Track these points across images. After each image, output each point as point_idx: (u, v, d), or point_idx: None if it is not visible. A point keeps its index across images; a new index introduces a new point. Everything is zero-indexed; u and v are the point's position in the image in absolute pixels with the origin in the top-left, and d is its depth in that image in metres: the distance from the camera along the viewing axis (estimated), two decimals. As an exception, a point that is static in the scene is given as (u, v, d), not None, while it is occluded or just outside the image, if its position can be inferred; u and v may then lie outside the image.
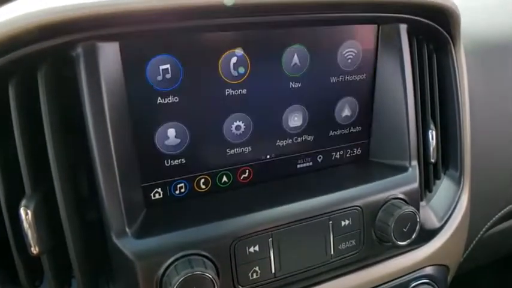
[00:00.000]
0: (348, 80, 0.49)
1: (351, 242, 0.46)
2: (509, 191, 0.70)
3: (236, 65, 0.42)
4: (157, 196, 0.43)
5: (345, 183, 0.47)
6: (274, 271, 0.42)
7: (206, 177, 0.45)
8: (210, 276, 0.37)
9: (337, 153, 0.52)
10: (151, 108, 0.40)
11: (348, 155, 0.52)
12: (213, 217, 0.41)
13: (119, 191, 0.38)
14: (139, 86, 0.39)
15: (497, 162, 0.67)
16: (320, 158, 0.51)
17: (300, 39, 0.44)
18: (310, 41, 0.45)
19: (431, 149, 0.54)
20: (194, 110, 0.42)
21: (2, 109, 0.36)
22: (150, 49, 0.38)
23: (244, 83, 0.43)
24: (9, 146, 0.36)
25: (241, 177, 0.47)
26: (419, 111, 0.52)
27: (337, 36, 0.46)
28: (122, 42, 0.37)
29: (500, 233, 0.73)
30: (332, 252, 0.45)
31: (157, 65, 0.39)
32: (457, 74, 0.54)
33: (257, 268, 0.42)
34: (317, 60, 0.46)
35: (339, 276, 0.48)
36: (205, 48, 0.41)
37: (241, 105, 0.44)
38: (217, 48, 0.41)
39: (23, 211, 0.35)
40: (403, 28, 0.48)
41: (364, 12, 0.46)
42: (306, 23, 0.44)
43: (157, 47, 0.39)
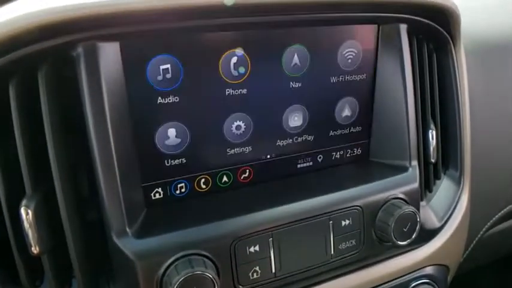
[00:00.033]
0: (348, 80, 0.49)
1: (351, 242, 0.46)
2: (509, 191, 0.70)
3: (236, 64, 0.42)
4: (157, 196, 0.43)
5: (345, 183, 0.47)
6: (274, 271, 0.42)
7: (206, 177, 0.45)
8: (211, 276, 0.37)
9: (337, 153, 0.52)
10: (151, 108, 0.40)
11: (348, 155, 0.52)
12: (213, 217, 0.41)
13: (119, 190, 0.38)
14: (139, 86, 0.39)
15: (497, 162, 0.67)
16: (320, 158, 0.51)
17: (300, 39, 0.44)
18: (310, 41, 0.45)
19: (431, 149, 0.54)
20: (194, 109, 0.42)
21: (2, 109, 0.36)
22: (150, 49, 0.39)
23: (245, 82, 0.43)
24: (9, 146, 0.36)
25: (242, 177, 0.47)
26: (419, 111, 0.52)
27: (337, 36, 0.46)
28: (122, 42, 0.37)
29: (500, 233, 0.73)
30: (332, 252, 0.45)
31: (157, 64, 0.39)
32: (457, 74, 0.54)
33: (257, 268, 0.42)
34: (317, 60, 0.46)
35: (339, 276, 0.48)
36: (206, 48, 0.41)
37: (242, 105, 0.44)
38: (217, 48, 0.41)
39: (23, 211, 0.35)
40: (403, 28, 0.48)
41: (364, 12, 0.46)
42: (306, 23, 0.44)
43: (158, 47, 0.39)
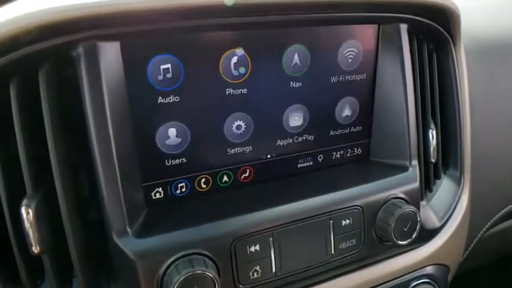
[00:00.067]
0: (349, 80, 0.49)
1: (352, 242, 0.46)
2: (510, 191, 0.70)
3: (237, 64, 0.42)
4: (158, 196, 0.43)
5: (345, 183, 0.47)
6: (274, 270, 0.43)
7: (207, 176, 0.45)
8: (211, 275, 0.37)
9: (338, 152, 0.52)
10: (152, 107, 0.40)
11: (349, 155, 0.52)
12: (213, 216, 0.41)
13: (119, 190, 0.38)
14: (140, 86, 0.39)
15: (498, 162, 0.67)
16: (320, 157, 0.51)
17: (301, 39, 0.44)
18: (310, 40, 0.45)
19: (431, 148, 0.54)
20: (195, 109, 0.42)
21: (3, 109, 0.36)
22: (150, 49, 0.39)
23: (245, 82, 0.43)
24: (10, 145, 0.36)
25: (242, 177, 0.47)
26: (419, 111, 0.52)
27: (338, 36, 0.46)
28: (123, 42, 0.37)
29: (500, 232, 0.73)
30: (333, 251, 0.45)
31: (158, 64, 0.39)
32: (457, 74, 0.54)
33: (258, 267, 0.42)
34: (317, 60, 0.46)
35: (339, 275, 0.48)
36: (206, 47, 0.41)
37: (242, 105, 0.44)
38: (218, 47, 0.41)
39: (24, 210, 0.35)
40: (404, 28, 0.48)
41: (364, 12, 0.46)
42: (306, 23, 0.44)
43: (158, 46, 0.39)
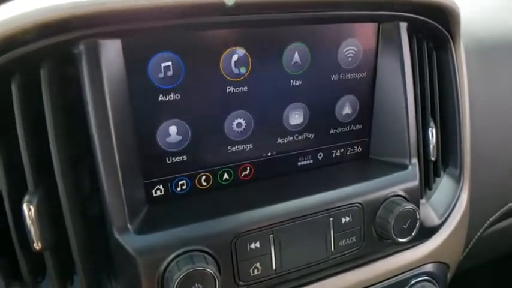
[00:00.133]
0: (349, 78, 0.49)
1: (352, 239, 0.46)
2: (509, 189, 0.70)
3: (237, 62, 0.42)
4: (159, 193, 0.43)
5: (345, 181, 0.47)
6: (275, 267, 0.43)
7: (207, 174, 0.45)
8: (212, 272, 0.37)
9: (338, 151, 0.52)
10: (153, 105, 0.40)
11: (349, 153, 0.53)
12: (214, 214, 0.41)
13: (120, 187, 0.38)
14: (141, 84, 0.39)
15: (497, 161, 0.67)
16: (320, 155, 0.51)
17: (301, 37, 0.45)
18: (310, 39, 0.45)
19: (431, 146, 0.54)
20: (196, 107, 0.42)
21: (5, 106, 0.36)
22: (151, 47, 0.39)
23: (245, 80, 0.43)
24: (12, 142, 0.36)
25: (242, 175, 0.47)
26: (419, 109, 0.52)
27: (338, 34, 0.47)
28: (124, 40, 0.37)
29: (500, 231, 0.73)
30: (332, 248, 0.45)
31: (159, 62, 0.39)
32: (456, 72, 0.55)
33: (258, 264, 0.42)
34: (318, 58, 0.46)
35: (339, 272, 0.48)
36: (207, 46, 0.41)
37: (243, 103, 0.44)
38: (218, 46, 0.41)
39: (25, 207, 0.36)
40: (403, 26, 0.49)
41: (364, 10, 0.46)
42: (306, 21, 0.44)
43: (159, 44, 0.39)
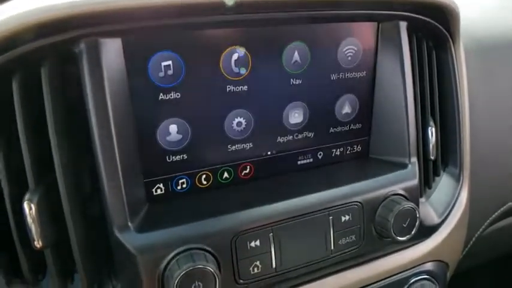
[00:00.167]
0: (348, 77, 0.49)
1: (351, 238, 0.46)
2: (509, 189, 0.70)
3: (237, 61, 0.43)
4: (159, 191, 0.43)
5: (345, 179, 0.47)
6: (275, 266, 0.43)
7: (207, 173, 0.45)
8: (212, 270, 0.37)
9: (338, 150, 0.52)
10: (153, 104, 0.40)
11: (348, 152, 0.53)
12: (214, 212, 0.41)
13: (121, 186, 0.38)
14: (141, 82, 0.39)
15: (497, 161, 0.67)
16: (320, 154, 0.51)
17: (301, 37, 0.45)
18: (310, 38, 0.45)
19: (430, 145, 0.54)
20: (196, 106, 0.42)
21: (5, 104, 0.36)
22: (152, 45, 0.39)
23: (245, 79, 0.44)
24: (12, 140, 0.36)
25: (242, 173, 0.47)
26: (418, 109, 0.52)
27: (338, 33, 0.47)
28: (124, 39, 0.37)
29: (499, 230, 0.74)
30: (332, 247, 0.45)
31: (159, 61, 0.39)
32: (456, 71, 0.55)
33: (258, 263, 0.42)
34: (317, 57, 0.46)
35: (339, 271, 0.48)
36: (207, 45, 0.41)
37: (243, 102, 0.44)
38: (218, 45, 0.41)
39: (26, 205, 0.36)
40: (403, 26, 0.49)
41: (364, 9, 0.46)
42: (306, 20, 0.44)
43: (159, 43, 0.39)
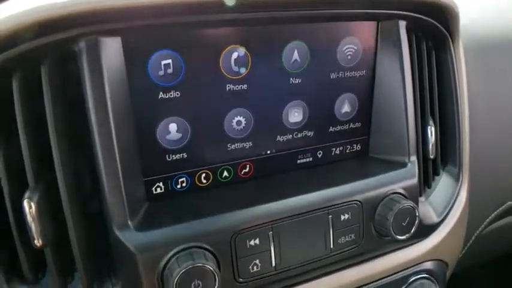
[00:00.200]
0: (348, 76, 0.49)
1: (351, 236, 0.46)
2: (508, 188, 0.70)
3: (237, 60, 0.43)
4: (159, 190, 0.43)
5: (344, 178, 0.47)
6: (274, 264, 0.43)
7: (207, 172, 0.45)
8: (211, 268, 0.37)
9: (337, 148, 0.52)
10: (153, 103, 0.40)
11: (348, 151, 0.53)
12: (214, 211, 0.41)
13: (121, 184, 0.38)
14: (141, 81, 0.39)
15: (496, 160, 0.67)
16: (320, 153, 0.51)
17: (300, 36, 0.45)
18: (310, 37, 0.45)
19: (430, 145, 0.54)
20: (195, 105, 0.42)
21: (5, 103, 0.36)
22: (152, 44, 0.39)
23: (245, 78, 0.44)
24: (12, 139, 0.36)
25: (242, 172, 0.47)
26: (418, 108, 0.52)
27: (337, 32, 0.47)
28: (124, 37, 0.38)
29: (498, 230, 0.74)
30: (332, 246, 0.45)
31: (159, 60, 0.39)
32: (455, 71, 0.55)
33: (257, 261, 0.42)
34: (317, 56, 0.46)
35: (338, 270, 0.48)
36: (207, 44, 0.41)
37: (242, 101, 0.44)
38: (218, 44, 0.42)
39: (26, 203, 0.36)
40: (403, 25, 0.49)
41: (363, 8, 0.46)
42: (306, 19, 0.44)
43: (159, 42, 0.39)
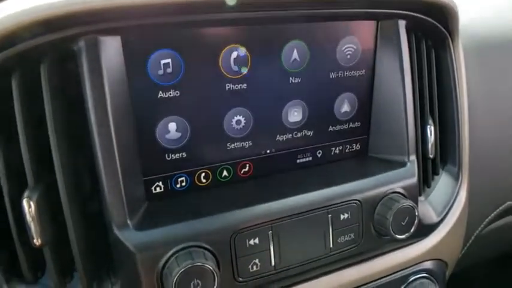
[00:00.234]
0: (347, 76, 0.49)
1: (350, 236, 0.46)
2: (508, 188, 0.70)
3: (236, 60, 0.43)
4: (158, 190, 0.43)
5: (344, 178, 0.47)
6: (274, 263, 0.43)
7: (207, 171, 0.45)
8: (211, 267, 0.37)
9: (337, 148, 0.52)
10: (152, 102, 0.40)
11: (347, 151, 0.53)
12: (213, 210, 0.41)
13: (120, 184, 0.38)
14: (140, 80, 0.39)
15: (496, 160, 0.67)
16: (319, 153, 0.51)
17: (300, 35, 0.45)
18: (309, 36, 0.45)
19: (429, 144, 0.54)
20: (195, 104, 0.42)
21: (5, 102, 0.36)
22: (151, 43, 0.39)
23: (245, 78, 0.44)
24: (12, 138, 0.36)
25: (242, 172, 0.47)
26: (417, 107, 0.52)
27: (337, 32, 0.47)
28: (124, 37, 0.38)
29: (498, 229, 0.74)
30: (331, 245, 0.45)
31: (158, 59, 0.39)
32: (455, 70, 0.55)
33: (257, 260, 0.42)
34: (316, 55, 0.46)
35: (338, 269, 0.48)
36: (206, 43, 0.41)
37: (242, 100, 0.44)
38: (218, 43, 0.41)
39: (25, 203, 0.36)
40: (402, 24, 0.49)
41: (363, 8, 0.46)
42: (305, 19, 0.45)
43: (159, 41, 0.39)
